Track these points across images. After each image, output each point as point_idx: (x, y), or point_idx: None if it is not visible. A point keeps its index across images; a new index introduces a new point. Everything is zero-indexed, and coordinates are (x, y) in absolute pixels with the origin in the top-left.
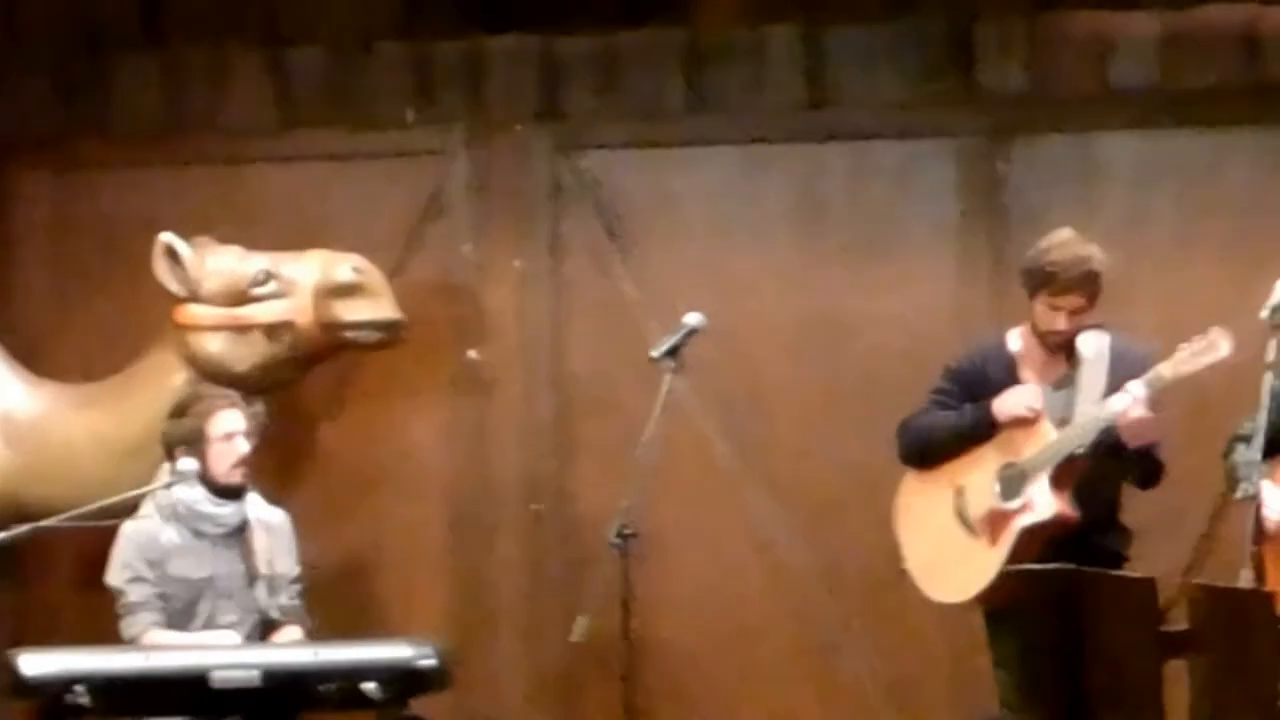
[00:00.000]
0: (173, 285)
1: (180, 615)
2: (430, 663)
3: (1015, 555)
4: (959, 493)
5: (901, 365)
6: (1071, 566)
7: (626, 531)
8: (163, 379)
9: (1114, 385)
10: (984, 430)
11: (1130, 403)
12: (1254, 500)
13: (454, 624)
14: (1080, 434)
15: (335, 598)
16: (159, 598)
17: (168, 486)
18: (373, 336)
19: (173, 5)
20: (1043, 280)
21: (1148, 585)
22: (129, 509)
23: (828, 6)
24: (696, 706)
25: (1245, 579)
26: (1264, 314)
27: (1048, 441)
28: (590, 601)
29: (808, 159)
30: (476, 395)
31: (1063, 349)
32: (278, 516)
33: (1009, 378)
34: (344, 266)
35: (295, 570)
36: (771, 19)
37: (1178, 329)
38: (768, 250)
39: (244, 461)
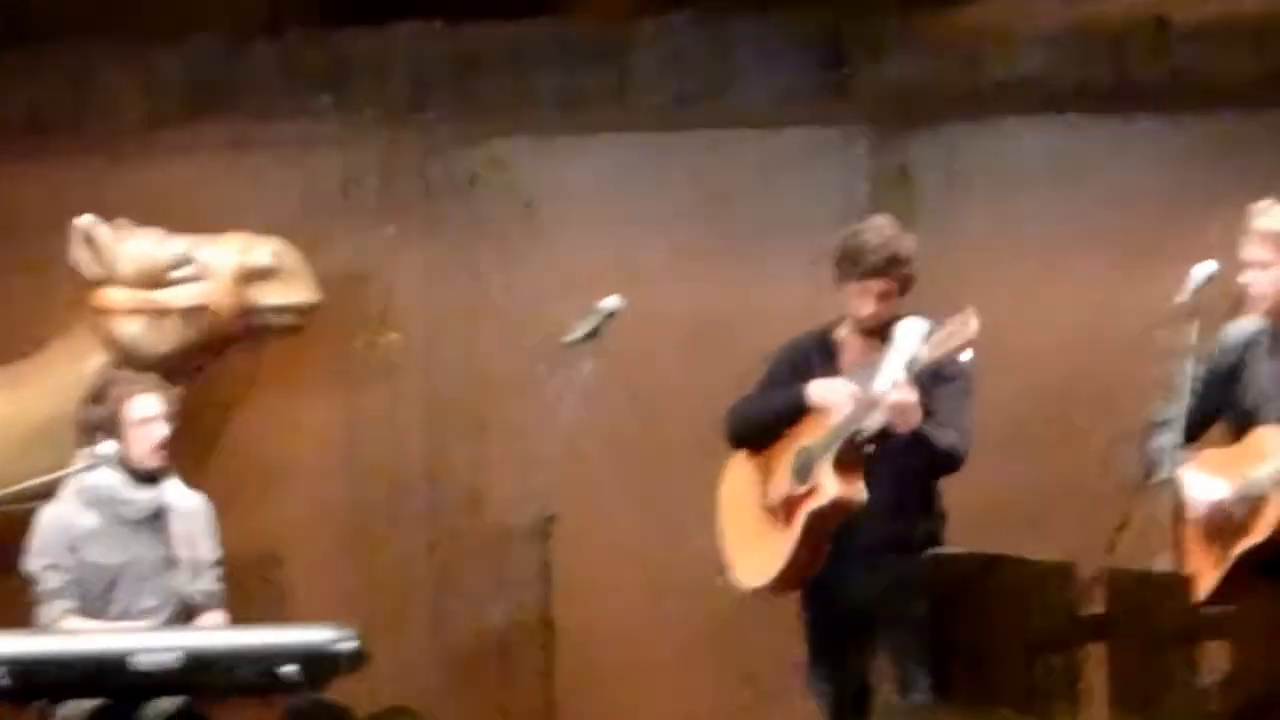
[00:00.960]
0: (89, 269)
1: (98, 601)
2: (350, 646)
3: (804, 540)
4: (768, 476)
5: None
6: (986, 551)
7: (546, 515)
8: (77, 363)
9: (916, 372)
10: (797, 412)
11: (890, 387)
12: (1172, 484)
13: (361, 611)
14: (855, 417)
15: (241, 585)
16: (75, 584)
17: (88, 469)
18: (291, 320)
19: None
20: (850, 265)
21: (1065, 569)
22: (43, 494)
23: None
24: (609, 690)
25: (1163, 563)
26: (1184, 298)
27: (829, 427)
28: (508, 587)
29: (710, 148)
30: (384, 382)
31: (881, 336)
32: (196, 501)
33: (829, 365)
34: (263, 250)
35: (215, 555)
36: (673, 8)
37: (1066, 320)
38: (671, 238)
39: (163, 445)
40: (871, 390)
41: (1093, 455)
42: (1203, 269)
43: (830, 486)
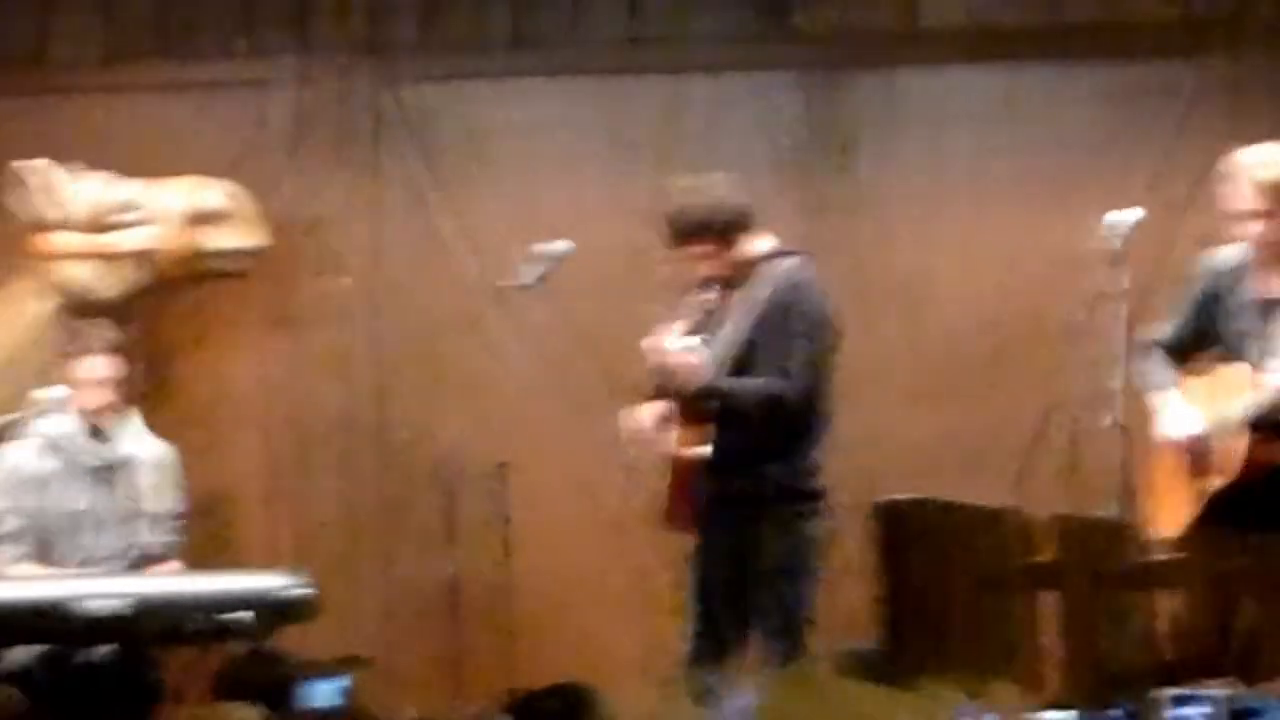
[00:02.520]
0: (38, 212)
1: (56, 549)
2: (303, 592)
3: (670, 488)
4: None
5: None
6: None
7: (498, 462)
8: (25, 307)
9: (766, 317)
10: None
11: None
12: (1121, 429)
13: (309, 557)
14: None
15: (188, 529)
16: (29, 530)
17: (39, 414)
18: (240, 264)
19: None
20: (667, 238)
21: (1016, 516)
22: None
23: None
24: (565, 631)
25: (1111, 509)
26: (1113, 244)
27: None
28: (459, 530)
29: (624, 94)
30: (333, 324)
31: (740, 278)
32: (162, 452)
33: (708, 310)
34: (213, 193)
35: (178, 507)
36: None
37: (977, 264)
38: (584, 184)
39: (106, 407)
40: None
41: (1028, 394)
42: (1128, 215)
43: (674, 441)
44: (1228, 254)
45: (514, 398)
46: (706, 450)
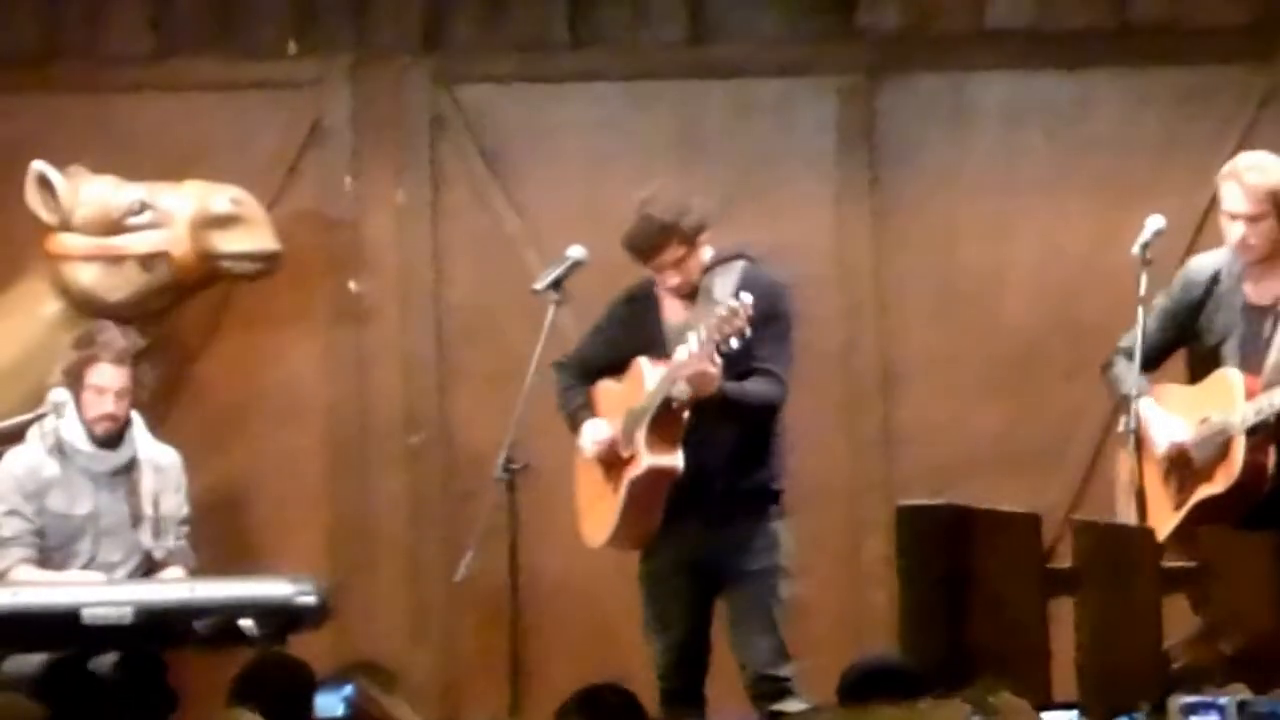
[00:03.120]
0: (45, 214)
1: (61, 553)
2: (309, 600)
3: (629, 505)
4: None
5: None
6: (954, 503)
7: (513, 465)
8: (33, 309)
9: None
10: (576, 432)
11: (687, 357)
12: (1135, 435)
13: (332, 559)
14: (664, 387)
15: (210, 533)
16: (34, 534)
17: (39, 418)
18: (249, 268)
19: None
20: (633, 254)
21: (1032, 521)
22: (6, 437)
23: None
24: (580, 640)
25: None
26: (1135, 250)
27: (645, 392)
28: (475, 536)
29: (687, 95)
30: (355, 326)
31: (693, 294)
32: (168, 456)
33: (652, 316)
34: (221, 197)
35: (183, 511)
36: None
37: (1050, 266)
38: (647, 185)
39: (109, 418)
40: (672, 360)
41: (1065, 404)
42: (1151, 223)
43: (645, 456)
44: (1206, 261)
45: (535, 401)
46: (679, 461)
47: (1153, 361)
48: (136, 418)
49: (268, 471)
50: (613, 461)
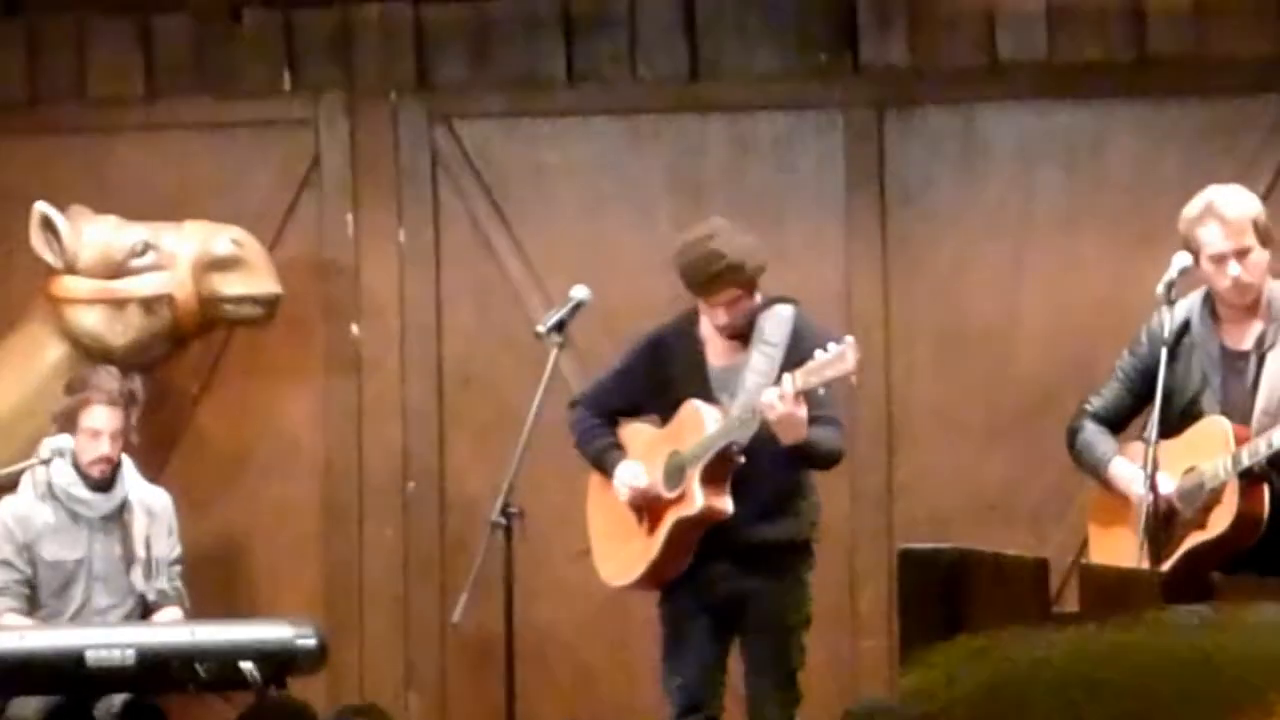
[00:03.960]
0: (49, 257)
1: (54, 598)
2: (309, 643)
3: (670, 545)
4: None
5: None
6: (959, 547)
7: (510, 510)
8: (36, 353)
9: (789, 366)
10: (601, 471)
11: (777, 399)
12: (1150, 481)
13: (328, 606)
14: (730, 429)
15: (205, 579)
16: (23, 584)
17: (44, 463)
18: (252, 311)
19: None
20: (691, 284)
21: (1040, 566)
22: (4, 486)
23: None
24: (572, 688)
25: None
26: (1159, 289)
27: (705, 434)
28: (470, 580)
29: (687, 132)
30: (351, 372)
31: (744, 331)
32: (159, 498)
33: (695, 363)
34: (223, 239)
35: (175, 553)
36: None
37: (1065, 304)
38: (646, 225)
39: (104, 460)
40: (747, 402)
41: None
42: (1178, 260)
43: (699, 497)
44: (1178, 310)
45: (535, 447)
46: (729, 505)
47: (1121, 422)
48: (127, 460)
49: (265, 519)
50: (646, 503)
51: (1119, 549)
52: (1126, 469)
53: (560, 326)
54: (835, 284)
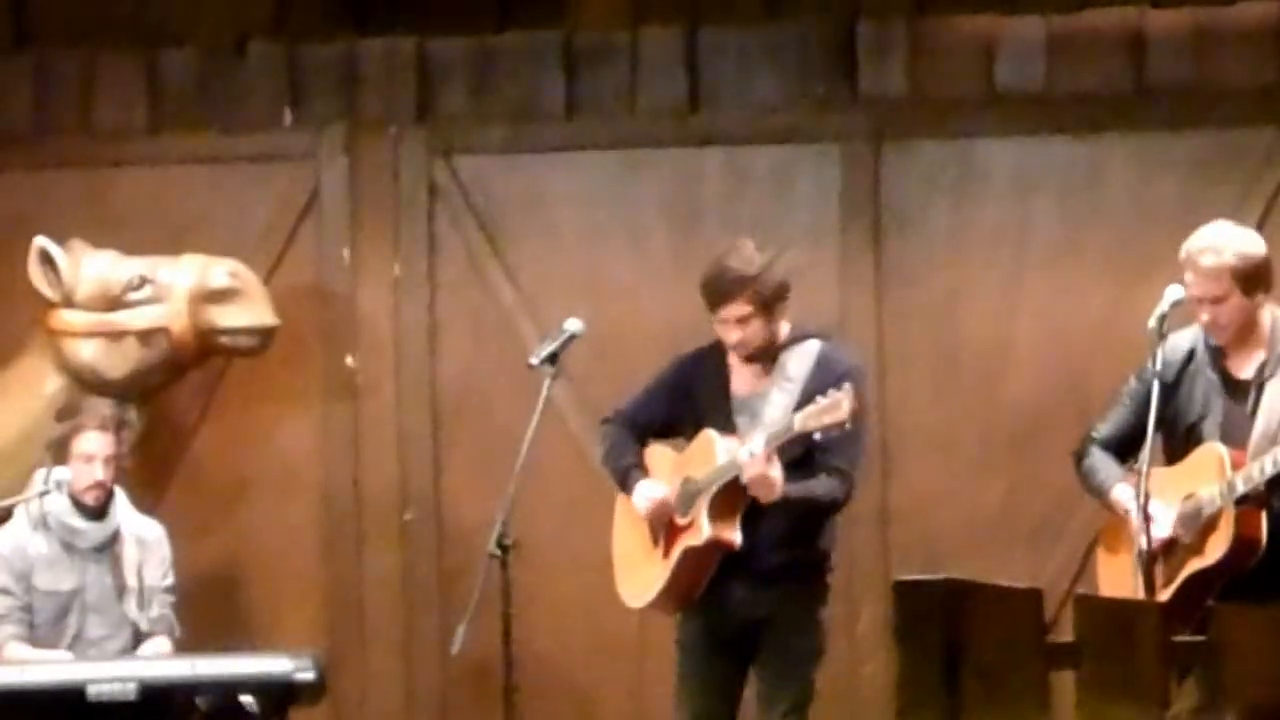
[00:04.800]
0: (47, 290)
1: (48, 629)
2: (308, 675)
3: (679, 571)
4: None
5: None
6: (954, 578)
7: (506, 541)
8: (34, 386)
9: (810, 397)
10: (626, 490)
11: (749, 459)
12: (1143, 511)
13: (325, 636)
14: (722, 472)
15: (202, 608)
16: (23, 610)
17: (43, 494)
18: (248, 342)
19: (41, 7)
20: (706, 296)
21: (1033, 596)
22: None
23: (705, 8)
24: (571, 714)
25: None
26: (1151, 322)
27: (715, 465)
28: (468, 610)
29: (684, 163)
30: (349, 401)
31: (766, 358)
32: (152, 529)
33: (719, 390)
34: (219, 271)
35: (168, 580)
36: (648, 21)
37: (1060, 335)
38: (644, 255)
39: (98, 485)
40: (755, 434)
41: (1068, 479)
42: (1170, 293)
43: (706, 527)
44: (1179, 340)
45: (529, 475)
46: (738, 536)
47: (1129, 449)
48: (119, 492)
49: (262, 547)
50: (663, 525)
51: (1126, 573)
52: (1128, 497)
53: (553, 358)
54: (830, 311)
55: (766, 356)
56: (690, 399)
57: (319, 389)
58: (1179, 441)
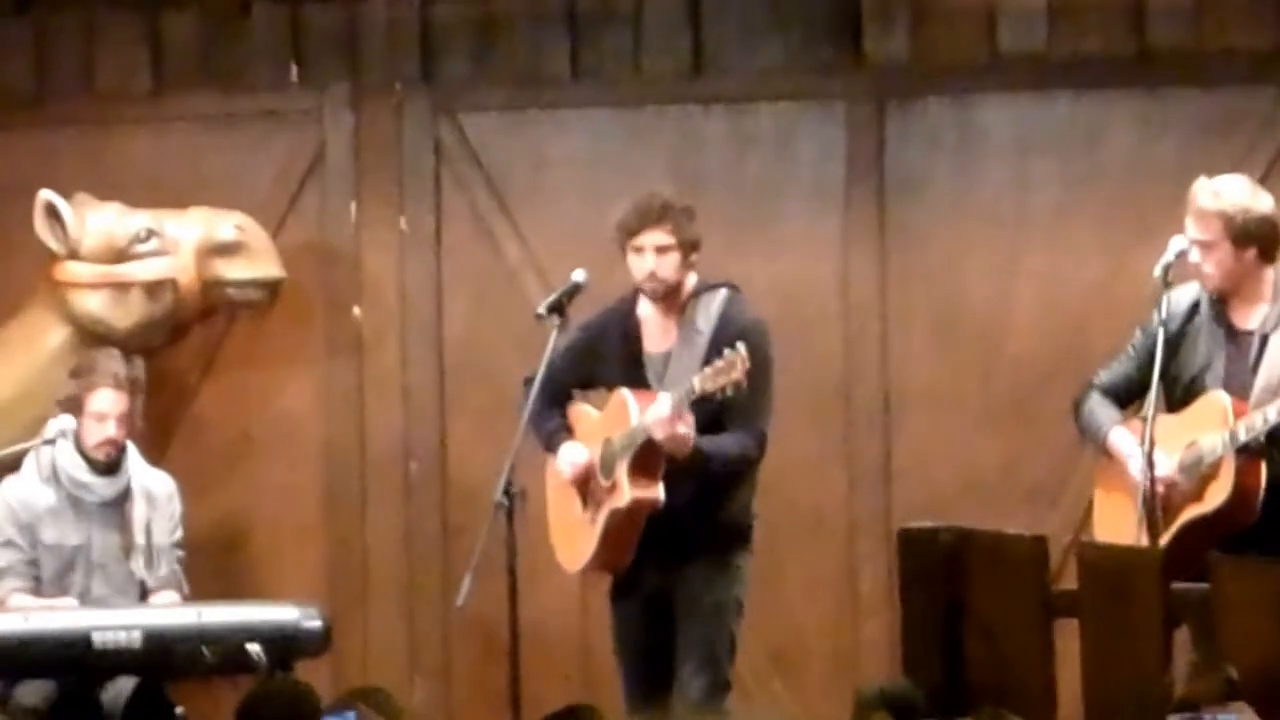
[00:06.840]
0: (52, 243)
1: (52, 584)
2: (315, 625)
3: (607, 534)
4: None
5: (782, 332)
6: (959, 525)
7: (512, 490)
8: (39, 337)
9: (716, 351)
10: (551, 453)
11: (655, 421)
12: (1147, 460)
13: (330, 590)
14: (637, 434)
15: (207, 564)
16: (29, 564)
17: (49, 443)
18: (255, 295)
19: None
20: (621, 225)
21: (1039, 544)
22: (6, 466)
23: None
24: (577, 667)
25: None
26: (1156, 272)
27: (630, 426)
28: (471, 562)
29: (688, 124)
30: (353, 357)
31: (673, 304)
32: (163, 484)
33: (628, 344)
34: (226, 224)
35: (176, 536)
36: None
37: (1061, 294)
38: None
39: (110, 443)
40: (649, 410)
41: (1069, 433)
42: (1175, 244)
43: (627, 488)
44: (1183, 294)
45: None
46: (660, 494)
47: (1128, 396)
48: (131, 447)
49: (266, 503)
50: (589, 488)
51: (1121, 516)
52: (1125, 441)
53: (559, 308)
54: (833, 272)
55: (674, 306)
56: (604, 359)
57: (323, 346)
58: (1180, 394)
